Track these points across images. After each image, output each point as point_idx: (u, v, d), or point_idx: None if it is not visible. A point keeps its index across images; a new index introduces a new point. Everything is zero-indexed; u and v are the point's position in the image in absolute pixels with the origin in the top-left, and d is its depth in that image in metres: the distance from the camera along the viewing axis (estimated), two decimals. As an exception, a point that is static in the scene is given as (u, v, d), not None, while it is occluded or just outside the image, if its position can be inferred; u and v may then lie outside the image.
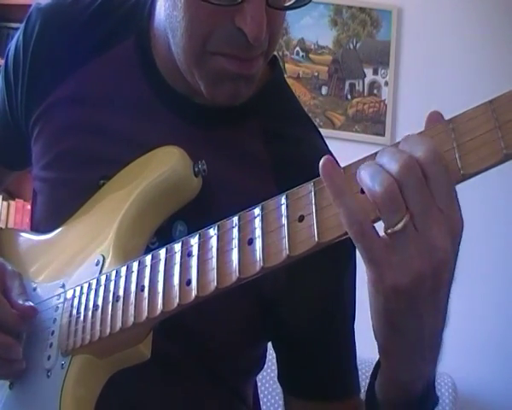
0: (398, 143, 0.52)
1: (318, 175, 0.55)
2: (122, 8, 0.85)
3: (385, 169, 0.49)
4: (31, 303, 0.75)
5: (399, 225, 0.49)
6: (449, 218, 0.50)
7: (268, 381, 2.05)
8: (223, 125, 0.80)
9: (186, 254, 0.62)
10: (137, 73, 0.82)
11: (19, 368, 0.74)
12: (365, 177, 0.50)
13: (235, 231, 0.58)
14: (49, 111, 0.83)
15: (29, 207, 2.90)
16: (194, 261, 0.60)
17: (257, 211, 0.58)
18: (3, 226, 2.78)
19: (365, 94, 2.72)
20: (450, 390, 2.27)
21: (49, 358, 0.72)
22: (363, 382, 1.87)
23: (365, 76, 2.73)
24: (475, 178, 0.49)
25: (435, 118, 0.51)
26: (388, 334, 0.55)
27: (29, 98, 0.85)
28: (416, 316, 0.53)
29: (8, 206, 2.90)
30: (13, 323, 0.74)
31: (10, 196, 2.89)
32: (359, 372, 0.85)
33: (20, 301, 0.74)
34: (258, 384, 0.95)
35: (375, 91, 2.72)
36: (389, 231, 0.49)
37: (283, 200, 0.56)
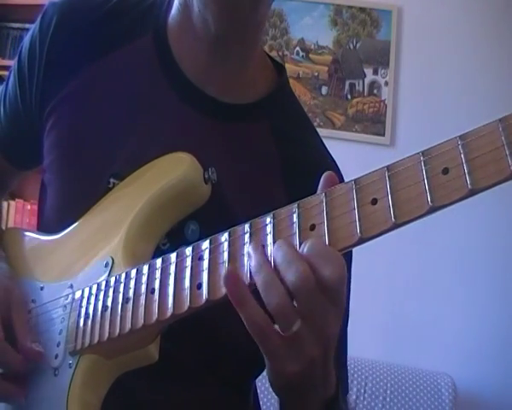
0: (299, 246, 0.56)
1: None
2: (139, 7, 0.86)
3: (280, 276, 0.54)
4: (39, 347, 0.72)
5: (293, 329, 0.55)
6: (336, 304, 0.56)
7: (268, 381, 2.04)
8: (237, 120, 0.82)
9: (197, 258, 0.62)
10: (154, 67, 0.82)
11: (19, 402, 0.74)
12: (260, 286, 0.55)
13: (247, 238, 0.59)
14: (62, 104, 0.84)
15: (29, 207, 2.90)
16: (205, 265, 0.61)
17: (268, 219, 0.59)
18: (3, 227, 2.77)
19: (365, 94, 2.73)
20: (451, 390, 2.28)
21: (56, 357, 0.71)
22: (363, 382, 1.87)
23: (365, 76, 2.73)
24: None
25: (331, 180, 0.57)
26: (285, 391, 0.63)
27: (44, 91, 0.85)
28: (310, 377, 0.59)
29: (8, 206, 2.89)
30: (16, 368, 0.72)
31: (10, 196, 2.88)
32: (359, 372, 0.85)
33: (28, 344, 0.72)
34: (258, 384, 0.95)
35: (375, 91, 2.72)
36: (284, 333, 0.55)
37: (295, 208, 0.57)
